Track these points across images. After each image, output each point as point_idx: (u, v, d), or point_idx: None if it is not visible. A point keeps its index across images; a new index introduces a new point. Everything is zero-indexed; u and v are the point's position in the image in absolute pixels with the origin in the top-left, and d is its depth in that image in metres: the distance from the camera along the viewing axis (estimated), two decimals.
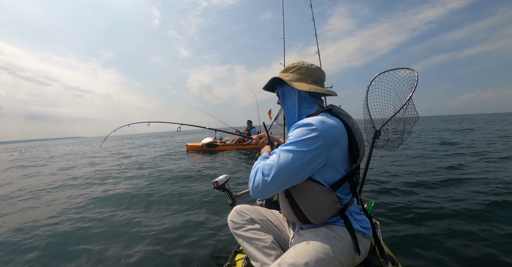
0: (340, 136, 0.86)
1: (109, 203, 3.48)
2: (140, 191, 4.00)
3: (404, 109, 1.57)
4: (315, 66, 1.02)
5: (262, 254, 0.98)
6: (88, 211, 3.17)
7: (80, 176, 5.94)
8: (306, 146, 0.80)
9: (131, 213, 3.01)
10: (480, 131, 12.33)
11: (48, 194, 4.32)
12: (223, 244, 2.08)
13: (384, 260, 1.01)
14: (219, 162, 6.65)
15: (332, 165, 0.86)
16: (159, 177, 5.11)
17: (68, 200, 3.81)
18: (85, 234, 2.49)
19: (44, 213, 3.21)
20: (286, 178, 0.81)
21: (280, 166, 0.81)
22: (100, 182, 5.04)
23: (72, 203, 3.62)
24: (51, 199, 3.92)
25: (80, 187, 4.71)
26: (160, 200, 3.53)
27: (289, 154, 0.81)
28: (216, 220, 2.63)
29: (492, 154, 5.58)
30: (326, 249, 0.81)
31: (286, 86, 1.04)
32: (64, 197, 4.06)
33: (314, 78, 1.00)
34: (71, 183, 5.15)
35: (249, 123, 9.24)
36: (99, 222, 2.77)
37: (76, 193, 4.26)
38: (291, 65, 1.04)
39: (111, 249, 2.14)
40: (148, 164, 7.02)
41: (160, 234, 2.36)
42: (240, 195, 1.88)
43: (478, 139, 8.57)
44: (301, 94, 1.00)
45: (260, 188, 0.83)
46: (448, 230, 2.08)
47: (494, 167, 4.32)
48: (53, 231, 2.56)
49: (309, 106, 1.00)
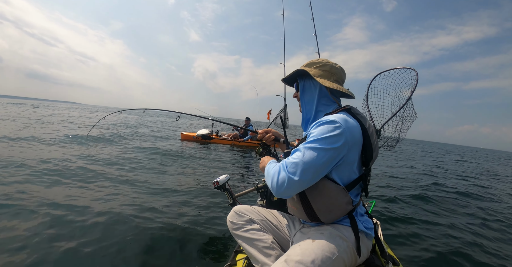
0: (358, 137, 0.86)
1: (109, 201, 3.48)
2: (134, 189, 4.00)
3: (403, 109, 1.57)
4: (338, 66, 1.02)
5: (262, 255, 0.98)
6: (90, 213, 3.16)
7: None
8: (330, 143, 0.80)
9: (131, 213, 3.01)
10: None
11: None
12: (223, 244, 2.08)
13: (385, 260, 1.01)
14: (213, 156, 6.57)
15: (349, 164, 0.86)
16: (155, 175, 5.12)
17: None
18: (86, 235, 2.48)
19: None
20: (312, 176, 0.80)
21: (306, 163, 0.80)
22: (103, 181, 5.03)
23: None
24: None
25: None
26: (160, 200, 3.53)
27: (314, 152, 0.80)
28: (216, 220, 2.62)
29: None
30: (331, 248, 0.81)
31: (308, 80, 1.03)
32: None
33: (337, 77, 1.00)
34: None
35: (247, 120, 9.27)
36: (100, 221, 2.77)
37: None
38: (315, 60, 1.03)
39: (109, 249, 2.14)
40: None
41: (160, 234, 2.36)
42: (240, 195, 1.88)
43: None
44: (322, 90, 0.99)
45: (286, 187, 0.81)
46: (448, 229, 2.09)
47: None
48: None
49: (328, 104, 0.99)
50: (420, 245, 1.89)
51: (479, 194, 3.18)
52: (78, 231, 2.72)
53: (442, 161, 8.95)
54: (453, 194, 3.01)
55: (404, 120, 1.62)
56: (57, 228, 2.26)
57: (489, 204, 2.70)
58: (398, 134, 1.66)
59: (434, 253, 1.78)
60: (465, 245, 1.86)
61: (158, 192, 4.08)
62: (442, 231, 2.08)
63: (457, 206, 2.54)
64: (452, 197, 2.85)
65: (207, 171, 5.34)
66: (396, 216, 2.40)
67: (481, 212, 2.36)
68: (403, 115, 1.60)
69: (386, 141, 1.71)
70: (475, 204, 2.52)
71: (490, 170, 8.29)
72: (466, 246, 1.84)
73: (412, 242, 1.94)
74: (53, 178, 3.32)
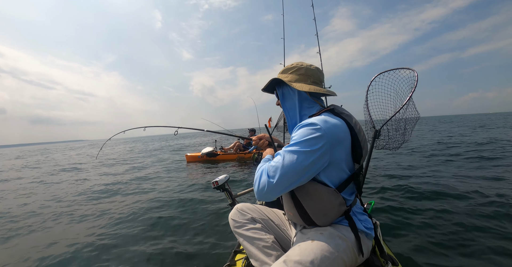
0: (344, 136, 0.85)
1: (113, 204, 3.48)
2: (142, 195, 3.99)
3: (404, 109, 1.57)
4: (314, 67, 1.02)
5: (263, 254, 0.98)
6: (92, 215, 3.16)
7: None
8: (310, 146, 0.80)
9: (129, 213, 3.01)
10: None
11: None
12: (222, 244, 2.07)
13: (384, 260, 1.01)
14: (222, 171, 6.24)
15: (336, 164, 0.85)
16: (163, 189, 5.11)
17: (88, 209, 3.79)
18: (89, 232, 2.48)
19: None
20: (292, 179, 0.81)
21: (285, 167, 0.80)
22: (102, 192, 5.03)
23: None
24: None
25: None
26: (159, 200, 3.53)
27: (294, 155, 0.80)
28: (216, 220, 2.62)
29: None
30: (330, 247, 0.81)
31: (286, 87, 1.03)
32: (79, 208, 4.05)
33: (314, 79, 1.00)
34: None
35: (251, 131, 8.57)
36: (99, 221, 2.77)
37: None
38: (290, 66, 1.03)
39: (110, 249, 2.13)
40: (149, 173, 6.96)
41: (160, 234, 2.36)
42: (240, 195, 1.88)
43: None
44: (301, 94, 1.00)
45: (266, 191, 0.82)
46: (448, 229, 2.09)
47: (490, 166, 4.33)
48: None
49: (310, 106, 0.99)
50: (420, 245, 1.89)
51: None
52: (77, 230, 2.72)
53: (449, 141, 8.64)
54: (453, 193, 3.00)
55: (407, 120, 1.62)
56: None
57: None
58: (403, 134, 1.66)
59: (434, 253, 1.78)
60: (466, 245, 1.86)
61: (157, 192, 4.07)
62: (443, 230, 2.08)
63: (458, 204, 2.54)
64: (454, 194, 2.85)
65: (206, 173, 5.33)
66: (396, 216, 2.40)
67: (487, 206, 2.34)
68: (405, 115, 1.59)
69: (389, 141, 1.70)
70: (480, 200, 2.52)
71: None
72: (467, 246, 1.84)
73: (412, 242, 1.94)
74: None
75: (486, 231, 2.03)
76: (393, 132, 1.69)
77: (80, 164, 10.20)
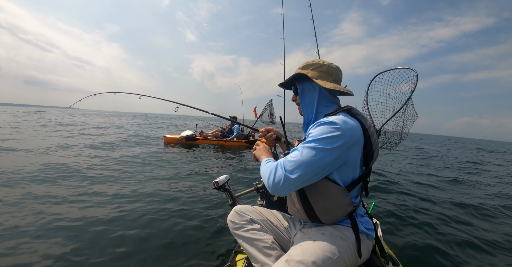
0: (359, 137, 0.86)
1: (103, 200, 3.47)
2: (130, 187, 3.99)
3: (403, 109, 1.57)
4: (335, 65, 1.02)
5: (262, 255, 0.98)
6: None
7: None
8: (329, 144, 0.80)
9: (129, 213, 3.01)
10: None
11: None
12: (223, 245, 2.07)
13: (385, 260, 1.01)
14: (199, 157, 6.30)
15: (349, 165, 0.86)
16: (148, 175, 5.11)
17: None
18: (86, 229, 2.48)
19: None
20: (309, 175, 0.80)
21: (303, 162, 0.80)
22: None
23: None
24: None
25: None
26: (158, 201, 3.52)
27: (312, 151, 0.80)
28: (216, 220, 2.62)
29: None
30: (332, 248, 0.81)
31: (306, 82, 1.02)
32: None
33: (334, 77, 1.00)
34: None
35: (233, 118, 8.64)
36: (98, 221, 2.76)
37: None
38: (311, 62, 1.02)
39: (109, 249, 2.13)
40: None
41: (160, 234, 2.36)
42: (240, 195, 1.88)
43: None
44: (321, 91, 0.99)
45: (282, 185, 0.81)
46: (449, 229, 2.09)
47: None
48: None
49: (328, 105, 0.99)
50: (420, 245, 1.89)
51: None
52: (75, 231, 2.71)
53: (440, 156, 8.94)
54: (452, 190, 3.02)
55: (405, 120, 1.62)
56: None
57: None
58: (400, 134, 1.66)
59: (435, 253, 1.78)
60: (467, 244, 1.86)
61: (155, 193, 4.07)
62: (443, 230, 2.09)
63: (458, 204, 2.55)
64: (453, 193, 2.86)
65: (204, 172, 5.34)
66: (396, 216, 2.40)
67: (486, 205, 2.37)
68: (404, 115, 1.60)
69: (387, 141, 1.71)
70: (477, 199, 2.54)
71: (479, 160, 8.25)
72: (468, 245, 1.84)
73: (412, 242, 1.94)
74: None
75: (486, 231, 2.03)
76: (392, 131, 1.69)
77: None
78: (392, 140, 1.70)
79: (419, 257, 1.75)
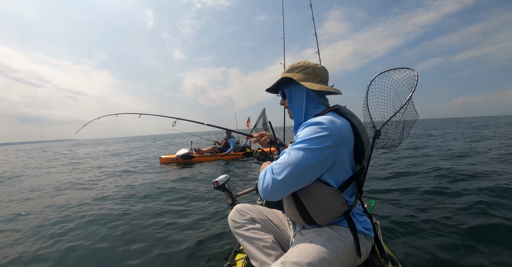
0: (348, 136, 0.85)
1: (106, 202, 3.48)
2: (137, 192, 3.99)
3: (404, 109, 1.57)
4: (320, 66, 1.01)
5: (262, 254, 0.98)
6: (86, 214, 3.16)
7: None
8: (316, 144, 0.80)
9: (129, 213, 3.01)
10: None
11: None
12: (223, 244, 2.07)
13: (384, 260, 1.01)
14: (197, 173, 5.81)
15: (340, 164, 0.85)
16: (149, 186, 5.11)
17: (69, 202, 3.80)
18: (88, 233, 2.48)
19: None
20: (297, 177, 0.80)
21: (290, 164, 0.79)
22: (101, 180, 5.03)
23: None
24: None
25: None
26: (158, 201, 3.53)
27: (300, 152, 0.80)
28: (216, 220, 2.62)
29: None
30: (329, 249, 0.81)
31: (293, 86, 1.02)
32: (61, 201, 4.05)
33: (321, 78, 1.00)
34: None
35: (227, 132, 8.56)
36: (97, 222, 2.77)
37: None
38: (296, 64, 1.02)
39: (110, 249, 2.14)
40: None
41: (160, 235, 2.36)
42: (240, 195, 1.88)
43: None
44: (309, 93, 0.99)
45: (270, 188, 0.81)
46: (449, 229, 2.09)
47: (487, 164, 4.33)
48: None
49: (316, 106, 0.99)
50: (420, 245, 1.89)
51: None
52: (74, 231, 2.72)
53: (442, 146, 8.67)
54: (453, 189, 3.00)
55: (405, 120, 1.62)
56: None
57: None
58: (401, 134, 1.66)
59: (435, 253, 1.78)
60: (467, 244, 1.86)
61: (155, 193, 4.08)
62: (443, 230, 2.09)
63: (458, 204, 2.54)
64: (453, 191, 2.85)
65: (204, 174, 5.33)
66: (396, 216, 2.40)
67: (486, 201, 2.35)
68: (404, 115, 1.60)
69: (388, 141, 1.70)
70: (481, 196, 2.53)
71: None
72: (467, 246, 1.84)
73: (413, 242, 1.94)
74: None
75: (487, 231, 2.03)
76: (392, 132, 1.69)
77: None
78: (392, 140, 1.70)
79: (419, 257, 1.75)
